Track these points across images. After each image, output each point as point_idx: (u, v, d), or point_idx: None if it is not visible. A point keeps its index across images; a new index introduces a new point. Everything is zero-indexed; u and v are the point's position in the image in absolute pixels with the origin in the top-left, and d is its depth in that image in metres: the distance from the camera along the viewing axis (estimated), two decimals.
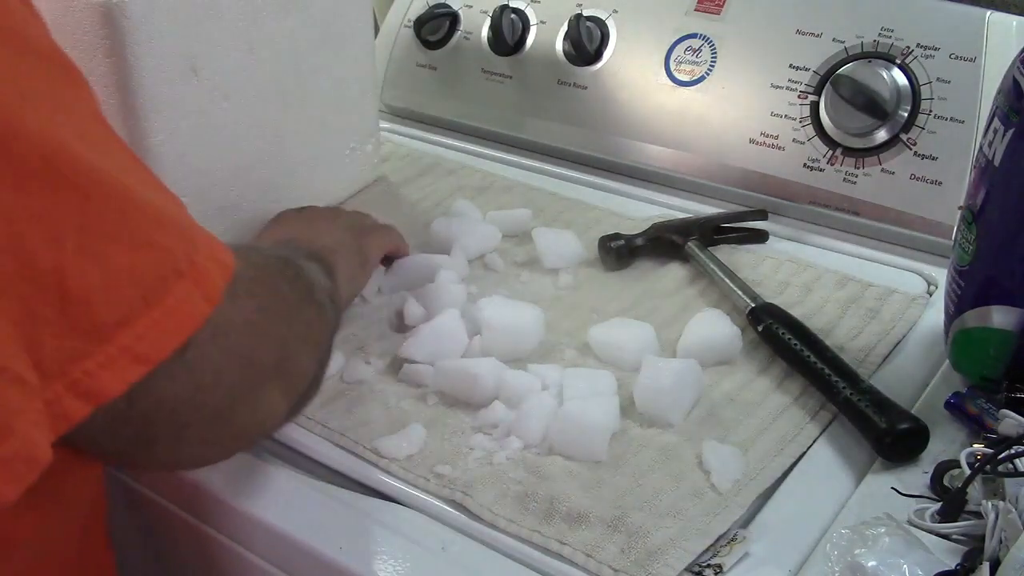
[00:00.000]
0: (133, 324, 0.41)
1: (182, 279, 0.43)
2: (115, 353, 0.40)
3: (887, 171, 0.87)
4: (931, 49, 0.86)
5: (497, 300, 0.77)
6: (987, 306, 0.65)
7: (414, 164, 1.05)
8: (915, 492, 0.60)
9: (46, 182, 0.38)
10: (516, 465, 0.64)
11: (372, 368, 0.74)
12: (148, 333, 0.41)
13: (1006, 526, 0.53)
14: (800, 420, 0.68)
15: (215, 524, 0.67)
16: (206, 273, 0.45)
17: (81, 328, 0.40)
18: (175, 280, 0.43)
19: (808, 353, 0.70)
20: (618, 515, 0.59)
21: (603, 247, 0.86)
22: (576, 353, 0.75)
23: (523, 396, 0.67)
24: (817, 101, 0.90)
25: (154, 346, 0.42)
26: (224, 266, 0.47)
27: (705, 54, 0.97)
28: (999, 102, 0.63)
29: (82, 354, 0.40)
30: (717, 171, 0.95)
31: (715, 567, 0.56)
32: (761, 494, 0.62)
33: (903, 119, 0.86)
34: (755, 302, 0.76)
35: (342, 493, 0.64)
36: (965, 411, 0.65)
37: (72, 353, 0.39)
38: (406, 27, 1.13)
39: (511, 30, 1.05)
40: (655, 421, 0.67)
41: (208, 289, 0.44)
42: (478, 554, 0.59)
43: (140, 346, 0.41)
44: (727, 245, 0.88)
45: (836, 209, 0.90)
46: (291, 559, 0.62)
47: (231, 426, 0.50)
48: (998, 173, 0.62)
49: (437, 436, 0.67)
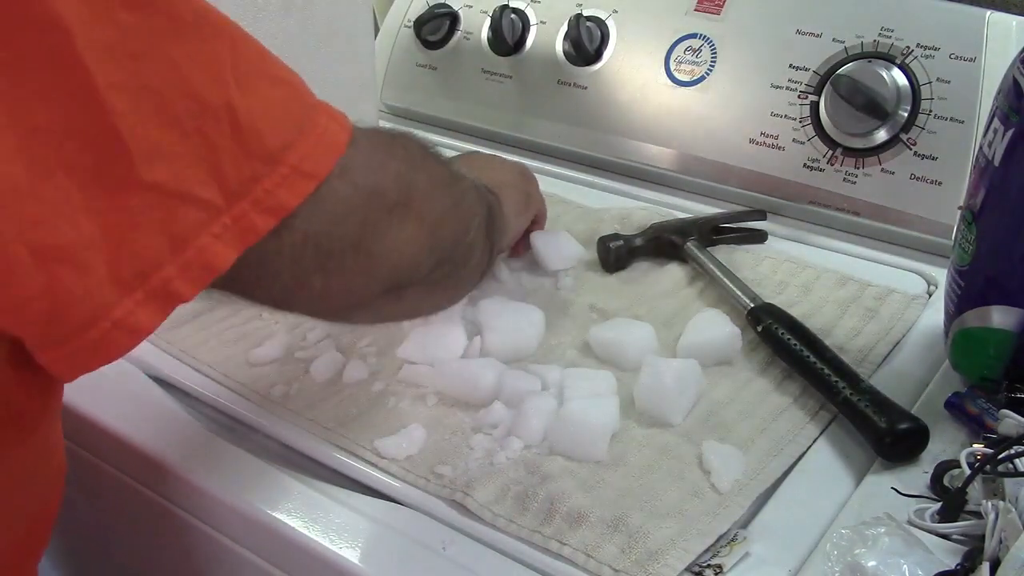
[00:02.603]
0: (296, 147, 0.47)
1: (319, 112, 0.49)
2: (287, 172, 0.47)
3: (887, 171, 0.87)
4: (931, 49, 0.86)
5: (497, 301, 0.77)
6: (987, 306, 0.65)
7: None
8: (915, 492, 0.60)
9: (200, 32, 0.44)
10: (516, 465, 0.64)
11: (372, 368, 0.74)
12: (310, 153, 0.48)
13: (1006, 526, 0.53)
14: (800, 420, 0.68)
15: (215, 524, 0.67)
16: (331, 109, 0.51)
17: (255, 153, 0.46)
18: (314, 112, 0.49)
19: (808, 353, 0.70)
20: (618, 515, 0.59)
21: (602, 248, 0.86)
22: (576, 353, 0.75)
23: (523, 396, 0.67)
24: (817, 101, 0.90)
25: (317, 164, 0.48)
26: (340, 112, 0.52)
27: (705, 54, 0.97)
28: (999, 102, 0.63)
29: (261, 175, 0.46)
30: (717, 171, 0.95)
31: (715, 567, 0.56)
32: (761, 494, 0.62)
33: (903, 119, 0.86)
34: (754, 302, 0.77)
35: (342, 493, 0.64)
36: (965, 411, 0.65)
37: (252, 175, 0.45)
38: (406, 27, 1.14)
39: (511, 30, 1.05)
40: (655, 421, 0.67)
41: (341, 120, 0.50)
42: (478, 554, 0.59)
43: (306, 164, 0.47)
44: (726, 245, 0.89)
45: (836, 209, 0.90)
46: (291, 559, 0.62)
47: (370, 257, 0.54)
48: (998, 173, 0.62)
49: (437, 436, 0.67)
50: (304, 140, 0.47)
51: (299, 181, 0.47)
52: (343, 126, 0.51)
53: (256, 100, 0.46)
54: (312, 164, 0.48)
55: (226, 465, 0.66)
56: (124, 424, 0.70)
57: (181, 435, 0.70)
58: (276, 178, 0.46)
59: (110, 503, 0.77)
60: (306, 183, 0.47)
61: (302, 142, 0.47)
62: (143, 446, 0.69)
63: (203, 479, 0.66)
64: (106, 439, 0.71)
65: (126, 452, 0.70)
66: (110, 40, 0.41)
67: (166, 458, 0.67)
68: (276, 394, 0.72)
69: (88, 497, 0.74)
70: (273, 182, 0.46)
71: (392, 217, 0.54)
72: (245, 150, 0.45)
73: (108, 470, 0.73)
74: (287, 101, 0.48)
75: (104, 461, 0.73)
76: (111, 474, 0.72)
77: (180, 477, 0.67)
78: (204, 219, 0.44)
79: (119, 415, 0.71)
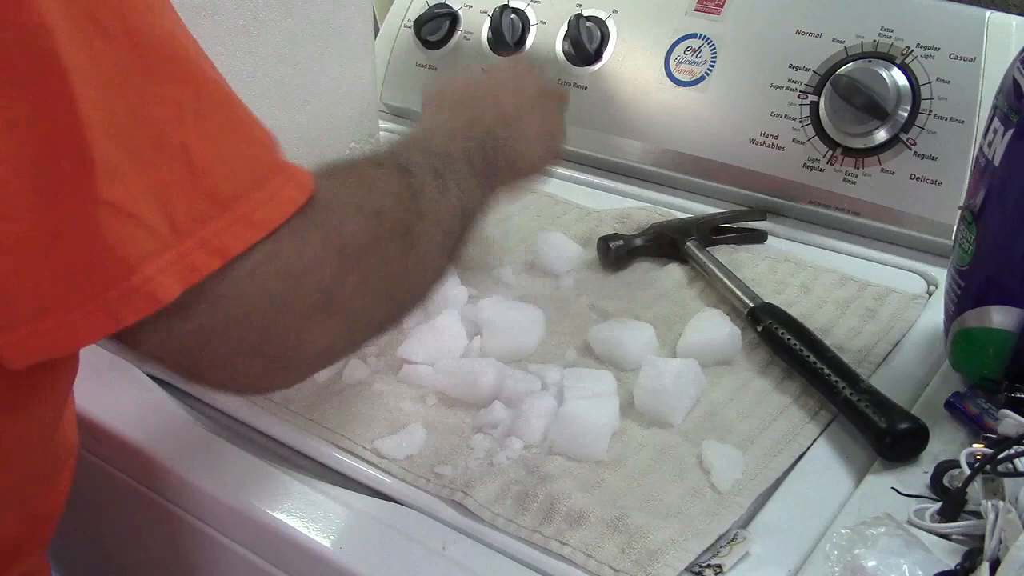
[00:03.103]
0: (248, 198, 0.47)
1: (279, 172, 0.49)
2: (236, 218, 0.47)
3: (887, 171, 0.87)
4: (931, 49, 0.86)
5: (497, 301, 0.77)
6: (987, 306, 0.65)
7: None
8: (915, 492, 0.60)
9: (169, 72, 0.46)
10: (516, 465, 0.64)
11: (371, 368, 0.74)
12: (261, 206, 0.48)
13: (1006, 526, 0.53)
14: (800, 420, 0.68)
15: (215, 524, 0.67)
16: (294, 170, 0.50)
17: (207, 194, 0.46)
18: (275, 170, 0.49)
19: (807, 353, 0.70)
20: (618, 515, 0.59)
21: (602, 248, 0.86)
22: (576, 353, 0.75)
23: (523, 396, 0.68)
24: (817, 101, 0.90)
25: (267, 216, 0.48)
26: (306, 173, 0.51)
27: (705, 54, 0.97)
28: (999, 102, 0.63)
29: (209, 216, 0.46)
30: (717, 171, 0.95)
31: (715, 567, 0.56)
32: (761, 494, 0.62)
33: (903, 119, 0.86)
34: (754, 302, 0.77)
35: (342, 493, 0.64)
36: (965, 411, 0.65)
37: (202, 214, 0.46)
38: (406, 27, 1.14)
39: (511, 30, 1.05)
40: (655, 421, 0.67)
41: (300, 181, 0.50)
42: (478, 554, 0.59)
43: (257, 215, 0.47)
44: (726, 245, 0.89)
45: (836, 209, 0.90)
46: (291, 559, 0.62)
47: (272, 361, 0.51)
48: (998, 173, 0.62)
49: (437, 436, 0.67)
50: (258, 193, 0.48)
51: (247, 229, 0.47)
52: (301, 184, 0.50)
53: (213, 147, 0.47)
54: (262, 215, 0.48)
55: (226, 465, 0.66)
56: (124, 424, 0.70)
57: (181, 435, 0.70)
58: (225, 221, 0.46)
59: (110, 502, 0.77)
60: (253, 232, 0.47)
61: (257, 194, 0.47)
62: (143, 446, 0.69)
63: (203, 479, 0.66)
64: (106, 439, 0.71)
65: (126, 452, 0.70)
66: (84, 62, 0.42)
67: (166, 458, 0.68)
68: (276, 394, 0.72)
69: (88, 496, 0.74)
70: (222, 224, 0.46)
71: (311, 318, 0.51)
72: (197, 191, 0.46)
73: (108, 470, 0.73)
74: (247, 154, 0.49)
75: (104, 461, 0.73)
76: (111, 474, 0.72)
77: (180, 477, 0.67)
78: (154, 248, 0.44)
79: (119, 415, 0.71)
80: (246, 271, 0.47)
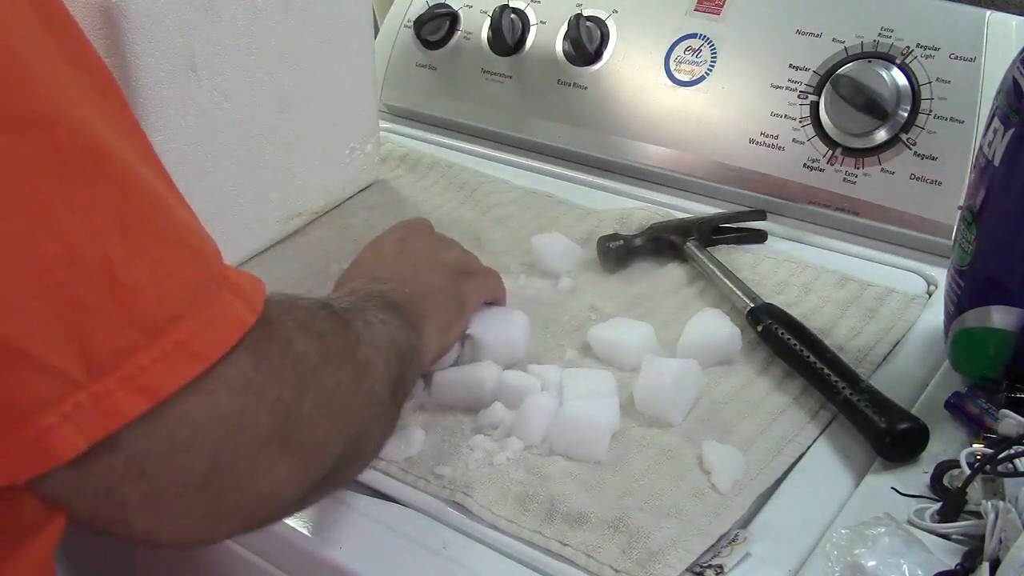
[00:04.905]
0: (186, 321, 0.40)
1: (222, 285, 0.42)
2: (170, 347, 0.39)
3: (887, 171, 0.87)
4: (931, 49, 0.86)
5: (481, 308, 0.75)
6: (987, 306, 0.65)
7: (414, 164, 1.05)
8: (915, 492, 0.60)
9: (86, 173, 0.38)
10: (516, 466, 0.64)
11: None
12: (202, 331, 0.40)
13: (1006, 526, 0.53)
14: (800, 420, 0.68)
15: None
16: (241, 286, 0.44)
17: (134, 319, 0.38)
18: (216, 286, 0.42)
19: (807, 353, 0.70)
20: (619, 515, 0.59)
21: (602, 248, 0.86)
22: (576, 353, 0.75)
23: (523, 397, 0.67)
24: (817, 101, 0.90)
25: (209, 345, 0.40)
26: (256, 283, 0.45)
27: (705, 54, 0.97)
28: (999, 102, 0.63)
29: (136, 347, 0.38)
30: (717, 171, 0.95)
31: (716, 567, 0.56)
32: (761, 494, 0.62)
33: (903, 119, 0.86)
34: (754, 302, 0.77)
35: (342, 493, 0.64)
36: (965, 411, 0.65)
37: (125, 346, 0.38)
38: (406, 27, 1.13)
39: (511, 30, 1.05)
40: (655, 421, 0.67)
41: (249, 299, 0.43)
42: (478, 554, 0.59)
43: (195, 343, 0.40)
44: (726, 245, 0.88)
45: (836, 209, 0.90)
46: (291, 559, 0.62)
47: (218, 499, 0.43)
48: (998, 173, 0.62)
49: (437, 437, 0.67)
50: (198, 315, 0.40)
51: (184, 361, 0.39)
52: (251, 303, 0.43)
53: (143, 259, 0.39)
54: (202, 344, 0.40)
55: None
56: None
57: None
58: (156, 352, 0.39)
59: None
60: (192, 365, 0.40)
61: (196, 316, 0.40)
62: None
63: None
64: None
65: None
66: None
67: None
68: None
69: None
70: (151, 357, 0.38)
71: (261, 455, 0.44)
72: (120, 315, 0.38)
73: None
74: (184, 267, 0.41)
75: None
76: None
77: None
78: (56, 393, 0.37)
79: None
80: (179, 413, 0.39)
